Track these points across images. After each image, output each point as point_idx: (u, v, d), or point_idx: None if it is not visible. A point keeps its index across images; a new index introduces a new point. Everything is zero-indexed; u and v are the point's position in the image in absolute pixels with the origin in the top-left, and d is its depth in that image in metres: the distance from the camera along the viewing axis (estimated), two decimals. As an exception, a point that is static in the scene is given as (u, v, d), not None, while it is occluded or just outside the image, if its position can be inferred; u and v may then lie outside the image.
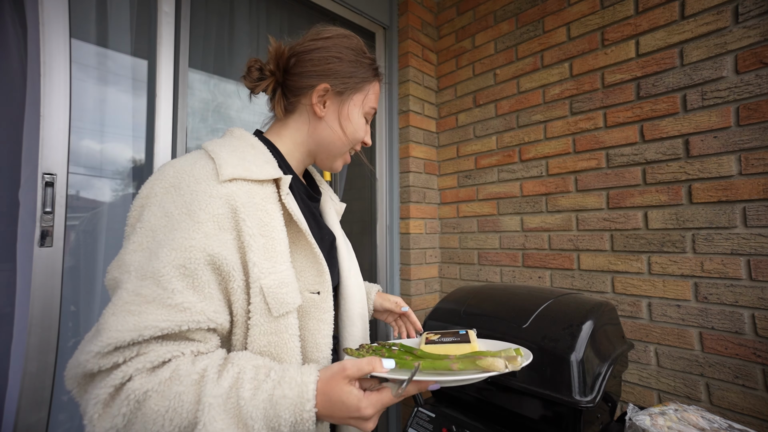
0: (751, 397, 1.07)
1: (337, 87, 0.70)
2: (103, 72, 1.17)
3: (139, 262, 0.52)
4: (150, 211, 0.55)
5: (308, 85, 0.70)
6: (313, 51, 0.70)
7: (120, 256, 0.54)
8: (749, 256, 1.10)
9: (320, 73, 0.70)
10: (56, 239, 0.98)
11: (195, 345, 0.53)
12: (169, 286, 0.50)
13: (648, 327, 1.28)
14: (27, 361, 0.92)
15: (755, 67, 1.10)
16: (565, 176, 1.52)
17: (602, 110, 1.42)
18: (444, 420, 1.03)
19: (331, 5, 1.74)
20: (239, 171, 0.59)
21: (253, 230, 0.57)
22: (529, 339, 0.90)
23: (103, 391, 0.46)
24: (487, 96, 1.81)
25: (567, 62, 1.53)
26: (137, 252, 0.53)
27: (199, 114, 1.38)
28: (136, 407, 0.47)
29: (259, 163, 0.63)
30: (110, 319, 0.48)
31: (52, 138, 0.99)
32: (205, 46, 1.41)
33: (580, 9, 1.50)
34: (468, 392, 1.01)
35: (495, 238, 1.75)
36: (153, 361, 0.49)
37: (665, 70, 1.27)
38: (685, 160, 1.22)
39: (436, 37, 2.08)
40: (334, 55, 0.70)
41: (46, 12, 0.98)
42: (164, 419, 0.47)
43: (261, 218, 0.59)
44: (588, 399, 0.79)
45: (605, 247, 1.39)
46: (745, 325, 1.09)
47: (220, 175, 0.57)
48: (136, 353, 0.48)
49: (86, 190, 1.13)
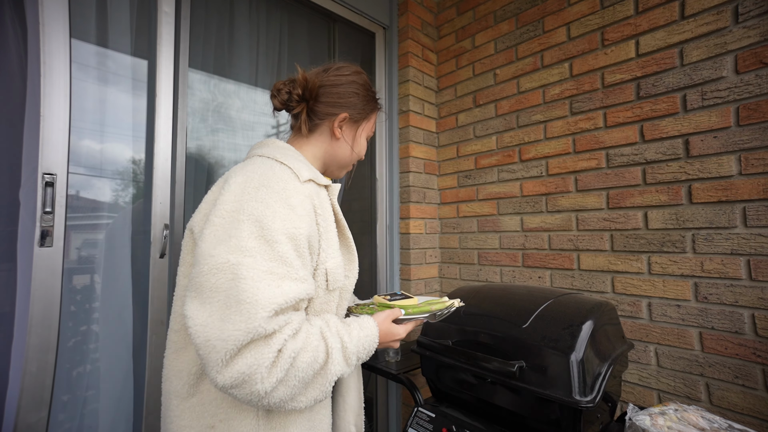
0: (751, 397, 1.07)
1: (354, 116, 0.90)
2: (103, 72, 1.17)
3: (260, 246, 0.63)
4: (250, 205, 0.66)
5: (332, 113, 0.87)
6: (338, 85, 0.88)
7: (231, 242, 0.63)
8: (749, 256, 1.10)
9: (343, 104, 0.88)
10: (56, 239, 0.98)
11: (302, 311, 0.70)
12: (294, 263, 0.65)
13: (648, 327, 1.28)
14: (27, 361, 0.92)
15: (755, 67, 1.10)
16: (565, 176, 1.52)
17: (602, 110, 1.42)
18: (444, 420, 1.04)
19: (331, 5, 1.74)
20: (312, 175, 0.78)
21: (324, 222, 0.76)
22: (529, 339, 0.90)
23: (268, 355, 0.59)
24: (487, 96, 1.81)
25: (567, 62, 1.53)
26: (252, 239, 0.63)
27: (199, 114, 1.38)
28: (291, 363, 0.62)
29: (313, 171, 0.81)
30: (257, 292, 0.59)
31: (52, 138, 0.99)
32: (205, 46, 1.41)
33: (580, 9, 1.50)
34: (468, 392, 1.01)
35: (495, 238, 1.75)
36: (295, 328, 0.64)
37: (665, 70, 1.27)
38: (685, 160, 1.22)
39: (436, 37, 2.08)
40: (354, 91, 0.89)
41: (46, 12, 0.98)
42: (309, 366, 0.65)
43: (325, 214, 0.78)
44: (588, 399, 0.79)
45: (605, 247, 1.39)
46: (745, 325, 1.09)
47: (300, 177, 0.74)
48: (285, 322, 0.63)
49: (86, 190, 1.13)
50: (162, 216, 1.19)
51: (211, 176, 1.41)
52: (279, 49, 1.62)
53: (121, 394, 1.15)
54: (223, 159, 1.44)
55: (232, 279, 0.60)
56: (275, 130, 1.60)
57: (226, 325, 0.58)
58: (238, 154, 1.48)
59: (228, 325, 0.58)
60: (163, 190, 1.20)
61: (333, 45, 1.86)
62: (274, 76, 1.59)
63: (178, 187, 1.25)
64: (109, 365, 1.14)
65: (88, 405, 1.10)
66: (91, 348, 1.11)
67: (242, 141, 1.50)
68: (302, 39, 1.74)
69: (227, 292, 0.60)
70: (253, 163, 0.74)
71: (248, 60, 1.52)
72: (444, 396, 1.11)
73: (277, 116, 1.60)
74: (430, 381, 1.14)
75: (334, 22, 1.85)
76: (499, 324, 0.97)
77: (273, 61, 1.60)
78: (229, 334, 0.57)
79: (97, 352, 1.12)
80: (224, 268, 0.61)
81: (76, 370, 1.08)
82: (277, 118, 1.61)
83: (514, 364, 0.86)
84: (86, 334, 1.11)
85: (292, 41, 1.68)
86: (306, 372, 0.64)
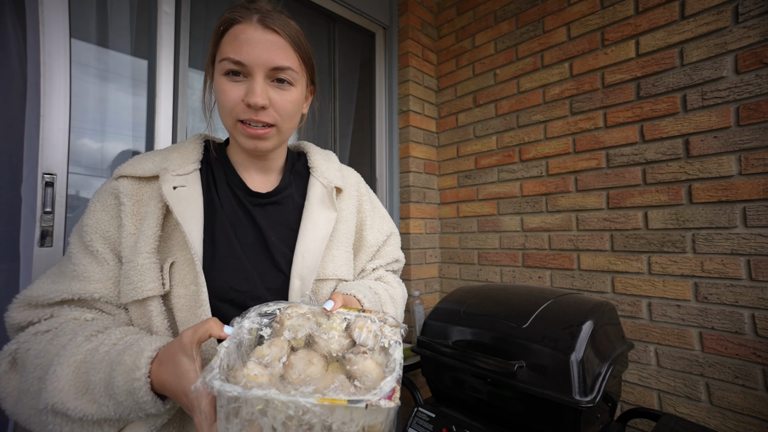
0: (751, 397, 1.07)
1: (211, 60, 0.66)
2: (103, 72, 1.17)
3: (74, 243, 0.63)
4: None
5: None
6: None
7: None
8: (749, 256, 1.10)
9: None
10: (56, 239, 0.98)
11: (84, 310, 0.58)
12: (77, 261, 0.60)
13: (648, 327, 1.28)
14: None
15: (755, 67, 1.10)
16: (565, 176, 1.52)
17: (602, 110, 1.42)
18: (444, 420, 1.04)
19: (331, 5, 1.74)
20: (131, 169, 0.63)
21: (129, 219, 0.60)
22: (529, 339, 0.90)
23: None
24: (487, 96, 1.81)
25: (567, 62, 1.53)
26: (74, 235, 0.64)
27: (198, 114, 1.38)
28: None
29: (159, 162, 0.65)
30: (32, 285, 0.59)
31: (52, 138, 0.99)
32: (205, 46, 1.41)
33: (580, 9, 1.50)
34: (468, 392, 1.01)
35: (495, 238, 1.75)
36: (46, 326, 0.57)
37: (665, 70, 1.27)
38: (685, 160, 1.22)
39: (436, 37, 2.08)
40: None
41: (46, 12, 0.98)
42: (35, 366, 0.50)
43: (139, 210, 0.62)
44: (588, 399, 0.79)
45: (605, 247, 1.39)
46: (745, 325, 1.09)
47: (115, 173, 0.64)
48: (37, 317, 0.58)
49: (86, 190, 1.13)
50: (162, 216, 1.19)
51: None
52: (279, 49, 1.62)
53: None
54: (223, 159, 1.44)
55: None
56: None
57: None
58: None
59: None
60: (163, 190, 1.20)
61: (333, 45, 1.86)
62: (274, 76, 1.59)
63: (178, 187, 1.25)
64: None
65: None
66: (91, 348, 1.11)
67: (242, 141, 1.49)
68: (302, 39, 1.74)
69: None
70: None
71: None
72: (444, 396, 1.11)
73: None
74: (430, 381, 1.14)
75: (334, 21, 1.85)
76: (499, 324, 0.97)
77: (273, 61, 1.60)
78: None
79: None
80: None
81: (76, 370, 1.08)
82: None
83: (514, 365, 0.86)
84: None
85: (292, 41, 1.68)
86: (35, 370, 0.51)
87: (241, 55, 0.59)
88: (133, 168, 0.63)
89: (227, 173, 0.70)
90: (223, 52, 0.61)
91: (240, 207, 0.69)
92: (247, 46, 0.60)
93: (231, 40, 0.61)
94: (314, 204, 0.73)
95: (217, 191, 0.68)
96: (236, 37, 0.61)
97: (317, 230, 0.70)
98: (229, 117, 0.63)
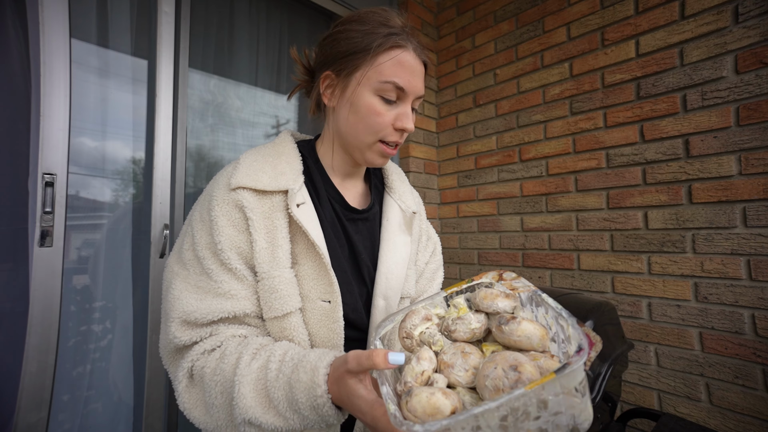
0: (751, 397, 1.07)
1: (338, 69, 0.64)
2: (103, 72, 1.16)
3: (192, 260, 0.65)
4: (192, 215, 0.67)
5: (318, 77, 0.67)
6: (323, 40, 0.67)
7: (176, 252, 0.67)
8: (749, 256, 1.10)
9: (325, 61, 0.66)
10: (56, 239, 0.98)
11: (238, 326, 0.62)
12: (217, 278, 0.62)
13: (648, 327, 1.28)
14: (27, 361, 0.92)
15: (755, 67, 1.10)
16: (565, 176, 1.52)
17: (602, 110, 1.42)
18: (444, 420, 1.03)
19: (331, 5, 1.74)
20: (251, 181, 0.61)
21: (260, 234, 0.61)
22: (529, 339, 0.90)
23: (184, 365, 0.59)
24: (487, 96, 1.81)
25: (567, 62, 1.53)
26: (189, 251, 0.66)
27: (198, 113, 1.38)
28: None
29: (274, 174, 0.63)
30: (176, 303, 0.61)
31: (52, 138, 0.99)
32: (205, 46, 1.41)
33: (580, 9, 1.50)
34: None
35: (495, 238, 1.75)
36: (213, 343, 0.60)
37: (665, 70, 1.27)
38: (685, 160, 1.22)
39: (436, 37, 2.07)
40: (335, 37, 0.64)
41: (46, 12, 0.98)
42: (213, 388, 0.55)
43: (267, 225, 0.62)
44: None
45: (605, 247, 1.39)
46: (745, 325, 1.09)
47: (230, 183, 0.61)
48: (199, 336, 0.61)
49: (86, 190, 1.13)
50: (162, 216, 1.19)
51: (211, 176, 1.40)
52: (279, 49, 1.62)
53: (121, 394, 1.15)
54: (222, 159, 1.44)
55: (167, 288, 0.62)
56: (275, 129, 1.60)
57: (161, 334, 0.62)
58: (238, 153, 1.48)
59: (161, 334, 0.62)
60: (163, 189, 1.20)
61: (333, 45, 1.85)
62: (274, 76, 1.59)
63: (178, 186, 1.25)
64: (108, 365, 1.14)
65: (88, 405, 1.10)
66: (91, 348, 1.11)
67: (242, 141, 1.49)
68: (302, 39, 1.73)
69: (163, 301, 0.63)
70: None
71: (248, 60, 1.52)
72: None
73: (278, 116, 1.60)
74: (430, 381, 1.14)
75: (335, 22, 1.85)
76: (499, 324, 0.97)
77: (273, 61, 1.60)
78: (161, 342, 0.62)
79: (97, 352, 1.12)
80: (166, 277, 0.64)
81: (76, 370, 1.08)
82: (277, 118, 1.61)
83: (515, 364, 0.86)
84: (86, 334, 1.11)
85: (292, 41, 1.68)
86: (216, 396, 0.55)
87: (405, 84, 0.62)
88: (252, 180, 0.62)
89: (325, 184, 0.71)
90: (386, 75, 0.61)
91: (338, 220, 0.70)
92: (410, 76, 0.63)
93: (395, 65, 0.62)
94: (394, 225, 0.74)
95: (320, 203, 0.68)
96: (401, 63, 0.62)
97: (397, 253, 0.72)
98: (372, 135, 0.64)
